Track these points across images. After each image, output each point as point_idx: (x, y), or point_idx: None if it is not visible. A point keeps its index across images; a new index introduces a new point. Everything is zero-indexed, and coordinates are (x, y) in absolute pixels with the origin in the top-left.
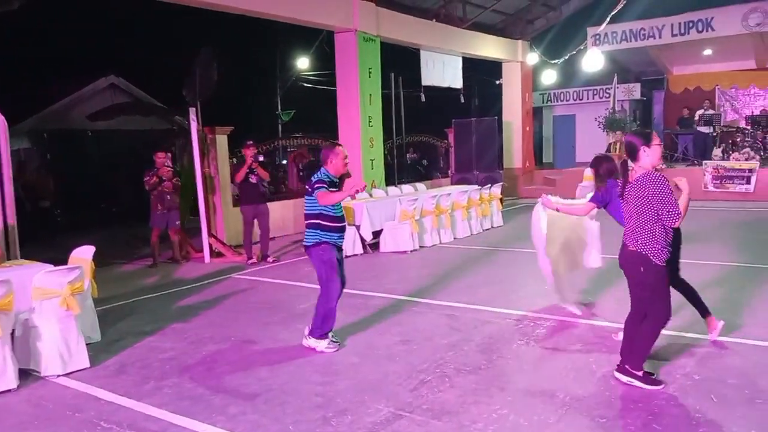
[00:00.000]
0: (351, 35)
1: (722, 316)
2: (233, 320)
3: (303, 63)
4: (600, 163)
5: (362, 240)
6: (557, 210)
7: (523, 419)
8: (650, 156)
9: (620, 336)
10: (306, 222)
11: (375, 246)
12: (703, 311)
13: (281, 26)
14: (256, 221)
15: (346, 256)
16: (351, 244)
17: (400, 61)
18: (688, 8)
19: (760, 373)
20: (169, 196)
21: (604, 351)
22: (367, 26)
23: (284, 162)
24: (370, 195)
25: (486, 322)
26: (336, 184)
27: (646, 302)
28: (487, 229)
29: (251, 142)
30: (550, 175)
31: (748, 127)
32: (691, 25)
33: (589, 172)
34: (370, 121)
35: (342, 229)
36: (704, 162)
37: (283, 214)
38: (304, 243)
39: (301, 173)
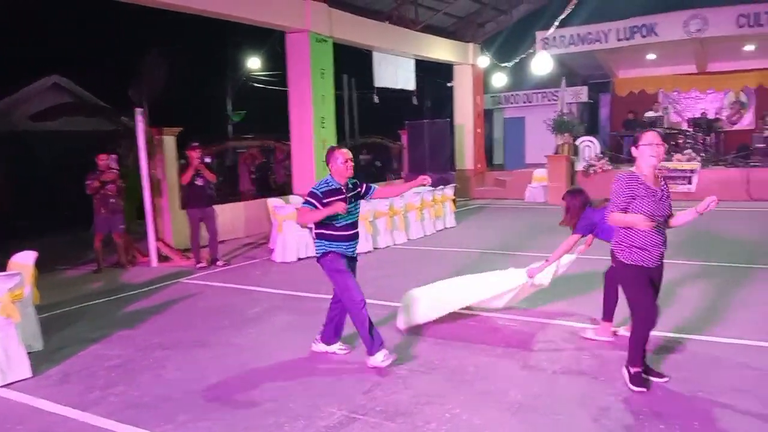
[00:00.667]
0: (303, 36)
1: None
2: (182, 325)
3: (254, 63)
4: (574, 197)
5: None
6: (548, 262)
7: (477, 418)
8: (639, 156)
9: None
10: (314, 231)
11: None
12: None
13: (231, 26)
14: (203, 224)
15: (299, 259)
16: (305, 246)
17: (353, 63)
18: (633, 14)
19: (700, 367)
20: (112, 199)
21: (555, 349)
22: (319, 27)
23: (235, 164)
24: None
25: (440, 321)
26: (339, 191)
27: (628, 300)
28: (440, 230)
29: (196, 143)
30: (500, 177)
31: (690, 129)
32: (635, 30)
33: (539, 173)
34: (322, 123)
35: (351, 238)
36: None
37: (234, 217)
38: (316, 254)
39: (252, 175)
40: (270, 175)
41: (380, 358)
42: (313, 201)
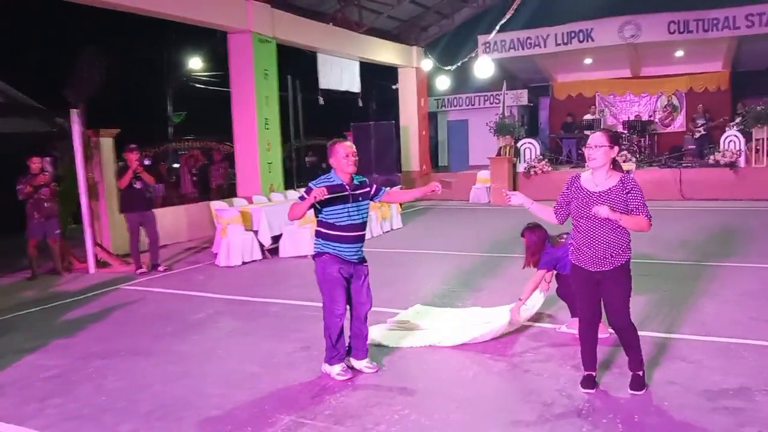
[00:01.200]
0: (246, 36)
1: None
2: (122, 333)
3: (195, 63)
4: (533, 233)
5: (261, 245)
6: (522, 302)
7: (425, 418)
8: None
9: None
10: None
11: (275, 251)
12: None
13: (172, 25)
14: (142, 229)
15: (244, 263)
16: (250, 249)
17: (297, 64)
18: (570, 19)
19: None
20: (46, 204)
21: (502, 348)
22: (262, 27)
23: (176, 166)
24: (269, 199)
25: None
26: (343, 187)
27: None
28: (387, 231)
29: (134, 145)
30: (446, 178)
31: (625, 132)
32: (573, 35)
33: (482, 175)
34: (266, 124)
35: (354, 240)
36: (586, 165)
37: (176, 221)
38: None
39: (194, 177)
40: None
41: (336, 371)
42: (304, 195)
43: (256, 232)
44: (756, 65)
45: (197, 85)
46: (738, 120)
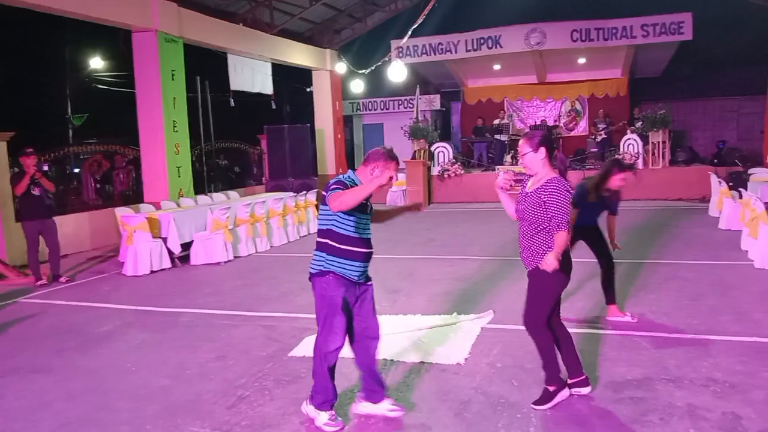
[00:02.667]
0: (151, 35)
1: (504, 306)
2: (20, 349)
3: (97, 63)
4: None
5: (170, 253)
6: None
7: (343, 423)
8: None
9: None
10: (316, 240)
11: (185, 259)
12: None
13: (71, 22)
14: (42, 238)
15: (152, 272)
16: (158, 257)
17: (207, 65)
18: (480, 26)
19: None
20: None
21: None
22: (168, 27)
23: (77, 171)
24: (178, 204)
25: (305, 329)
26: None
27: None
28: (304, 236)
29: (31, 149)
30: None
31: None
32: (482, 41)
33: (398, 178)
34: (174, 126)
35: (366, 258)
36: (497, 167)
37: (78, 229)
38: (310, 269)
39: (97, 184)
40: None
41: (324, 419)
42: (339, 187)
43: (164, 240)
44: (651, 72)
45: (100, 86)
46: (636, 124)
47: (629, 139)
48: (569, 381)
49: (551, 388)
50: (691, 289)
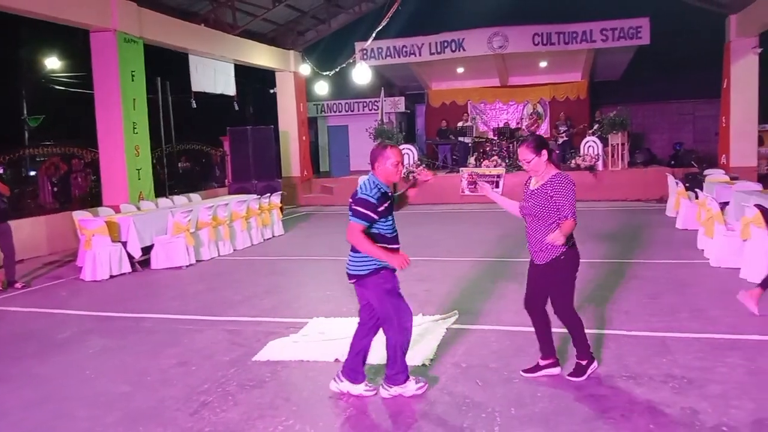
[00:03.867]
0: (110, 35)
1: (469, 307)
2: None
3: (54, 63)
4: None
5: (130, 257)
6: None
7: (309, 426)
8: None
9: None
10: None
11: (146, 263)
12: None
13: (27, 21)
14: None
15: (112, 276)
16: (118, 262)
17: (168, 65)
18: (443, 29)
19: (513, 354)
20: None
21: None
22: (127, 27)
23: (33, 173)
24: (138, 208)
25: (270, 333)
26: (388, 196)
27: None
28: (268, 239)
29: None
30: (327, 184)
31: (496, 138)
32: (445, 44)
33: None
34: (134, 128)
35: (397, 252)
36: (461, 169)
37: (34, 233)
38: (351, 272)
39: (54, 187)
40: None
41: (413, 386)
42: (368, 213)
43: (124, 243)
44: (610, 76)
45: (57, 87)
46: (596, 127)
47: (589, 141)
48: (540, 362)
49: (583, 362)
50: (649, 287)
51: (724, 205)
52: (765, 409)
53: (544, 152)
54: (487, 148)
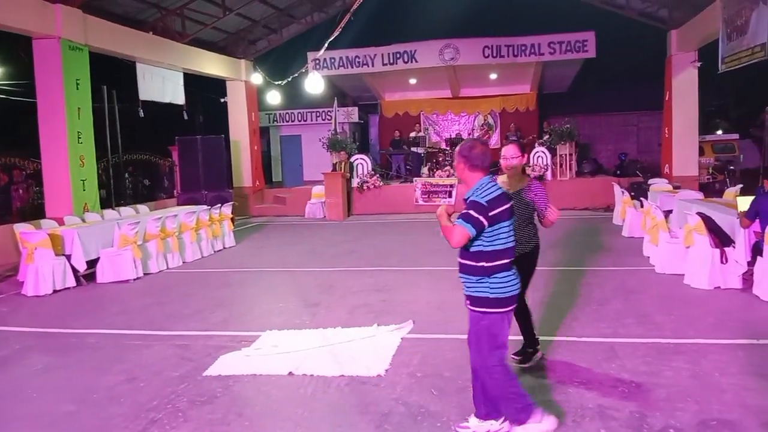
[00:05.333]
0: (54, 42)
1: (423, 316)
2: None
3: None
4: None
5: (74, 271)
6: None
7: None
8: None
9: None
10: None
11: (91, 277)
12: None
13: None
14: None
15: (55, 291)
16: (62, 276)
17: (114, 74)
18: (396, 40)
19: (466, 363)
20: None
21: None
22: (72, 34)
23: None
24: (83, 220)
25: (221, 347)
26: (508, 197)
27: None
28: (219, 250)
29: None
30: (280, 194)
31: (448, 148)
32: (398, 56)
33: (317, 190)
34: (79, 138)
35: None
36: (414, 179)
37: None
38: None
39: None
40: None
41: (550, 422)
42: (478, 217)
43: (68, 257)
44: (558, 88)
45: None
46: (545, 138)
47: (538, 151)
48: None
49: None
50: (597, 294)
51: (667, 214)
52: (708, 411)
53: (525, 157)
54: (440, 159)
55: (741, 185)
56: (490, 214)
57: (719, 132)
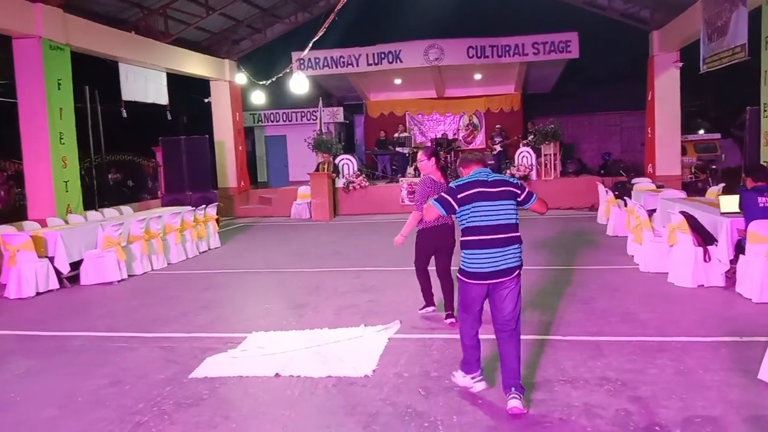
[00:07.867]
0: (34, 42)
1: (410, 316)
2: None
3: None
4: None
5: (57, 273)
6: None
7: None
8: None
9: None
10: (513, 235)
11: (74, 279)
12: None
13: None
14: None
15: (38, 294)
16: (44, 278)
17: (97, 74)
18: (381, 40)
19: (453, 362)
20: None
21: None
22: (53, 33)
23: None
24: (66, 221)
25: (206, 349)
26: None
27: None
28: (204, 252)
29: None
30: (265, 194)
31: (433, 148)
32: (383, 56)
33: (303, 190)
34: (61, 138)
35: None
36: (400, 178)
37: None
38: (518, 264)
39: None
40: None
41: (474, 385)
42: (447, 197)
43: (51, 259)
44: (542, 88)
45: None
46: (529, 138)
47: (523, 152)
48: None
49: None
50: (583, 293)
51: (651, 212)
52: (692, 408)
53: (433, 159)
54: None
55: (723, 184)
56: (459, 196)
57: (701, 132)
